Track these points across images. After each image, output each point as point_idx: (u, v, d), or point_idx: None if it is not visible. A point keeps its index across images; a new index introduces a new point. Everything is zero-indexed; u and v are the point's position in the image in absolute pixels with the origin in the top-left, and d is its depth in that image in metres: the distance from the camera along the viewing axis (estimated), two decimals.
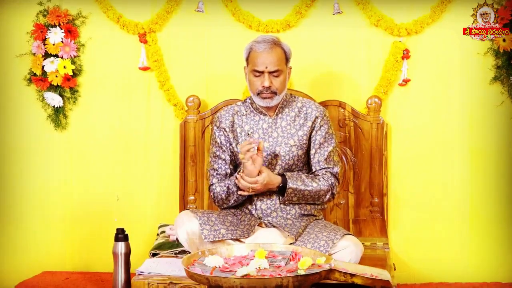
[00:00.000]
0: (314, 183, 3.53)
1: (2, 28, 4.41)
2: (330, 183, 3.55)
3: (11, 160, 4.48)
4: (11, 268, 4.35)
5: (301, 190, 3.47)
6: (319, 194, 3.52)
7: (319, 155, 3.62)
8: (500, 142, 4.23)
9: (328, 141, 3.65)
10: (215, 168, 3.69)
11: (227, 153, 3.69)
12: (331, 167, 3.62)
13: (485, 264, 4.26)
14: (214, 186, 3.65)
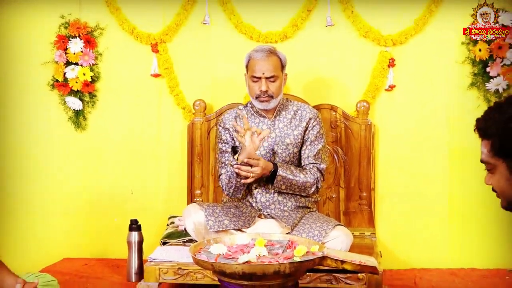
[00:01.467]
0: (302, 175, 3.54)
1: (28, 39, 4.40)
2: (316, 177, 3.57)
3: (36, 157, 4.48)
4: (35, 255, 4.34)
5: (290, 179, 3.48)
6: (305, 185, 3.53)
7: (309, 151, 3.64)
8: (476, 142, 4.14)
9: (318, 140, 3.66)
10: (222, 161, 3.70)
11: (232, 147, 3.71)
12: (319, 163, 3.64)
13: (462, 252, 4.26)
14: (222, 177, 3.66)
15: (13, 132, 4.45)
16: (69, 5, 4.36)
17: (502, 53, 4.07)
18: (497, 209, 4.22)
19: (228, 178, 3.57)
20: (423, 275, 4.07)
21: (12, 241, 4.45)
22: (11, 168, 4.47)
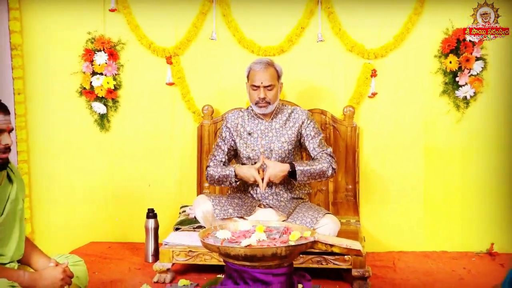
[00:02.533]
0: (316, 163, 3.55)
1: (59, 52, 4.40)
2: (328, 160, 3.56)
3: (66, 154, 4.48)
4: (65, 239, 4.35)
5: (308, 169, 3.48)
6: (322, 170, 3.52)
7: (313, 144, 3.63)
8: (447, 141, 4.22)
9: (317, 133, 3.68)
10: (214, 154, 3.74)
11: (227, 146, 3.73)
12: (325, 149, 3.64)
13: (434, 237, 4.26)
14: (209, 168, 3.69)
15: (48, 133, 4.48)
16: (95, 23, 4.35)
17: (469, 65, 4.06)
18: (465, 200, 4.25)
19: (218, 175, 3.62)
20: (401, 257, 4.06)
21: (45, 227, 4.48)
22: (46, 163, 4.50)
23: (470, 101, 4.14)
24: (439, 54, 4.14)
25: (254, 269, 2.56)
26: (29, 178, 4.41)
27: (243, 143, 3.68)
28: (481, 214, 4.18)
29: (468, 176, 4.22)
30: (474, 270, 3.74)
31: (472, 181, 4.21)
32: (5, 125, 2.53)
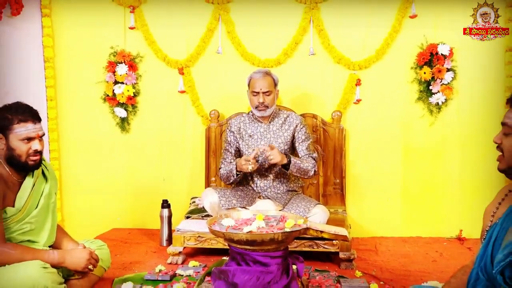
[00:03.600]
0: (305, 162, 3.56)
1: (86, 64, 4.39)
2: (313, 163, 3.58)
3: (92, 153, 4.47)
4: (90, 226, 4.34)
5: (299, 164, 3.49)
6: (307, 169, 3.54)
7: (302, 146, 3.66)
8: (422, 141, 4.23)
9: (307, 138, 3.69)
10: (224, 157, 3.77)
11: (233, 148, 3.75)
12: (311, 153, 3.65)
13: (411, 224, 4.26)
14: (221, 169, 3.72)
15: (76, 134, 4.48)
16: (116, 39, 4.35)
17: (441, 75, 4.06)
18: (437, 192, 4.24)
19: (226, 172, 3.63)
20: (382, 242, 4.06)
21: (73, 215, 4.48)
22: (75, 161, 4.50)
23: (441, 106, 4.13)
24: (415, 66, 4.14)
25: (255, 252, 2.56)
26: (60, 173, 4.41)
27: (245, 144, 3.70)
28: (451, 204, 4.19)
29: (440, 171, 4.22)
30: (445, 253, 3.74)
31: (443, 176, 4.22)
32: (35, 133, 2.56)
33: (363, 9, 4.16)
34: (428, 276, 3.17)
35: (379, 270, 3.37)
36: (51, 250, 2.63)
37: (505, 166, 1.79)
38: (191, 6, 4.28)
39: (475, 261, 1.86)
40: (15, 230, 2.57)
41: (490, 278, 1.76)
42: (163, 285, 3.03)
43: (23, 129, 2.52)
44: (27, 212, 2.62)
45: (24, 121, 2.52)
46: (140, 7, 4.32)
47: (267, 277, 2.54)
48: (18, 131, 2.51)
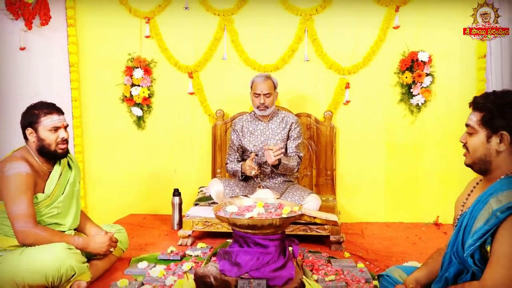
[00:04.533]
0: (292, 161, 3.54)
1: (106, 69, 4.38)
2: (297, 162, 3.59)
3: (112, 147, 4.47)
4: (110, 212, 4.35)
5: (286, 164, 3.48)
6: (293, 168, 3.54)
7: (292, 143, 3.66)
8: (403, 138, 4.23)
9: (298, 137, 3.69)
10: (230, 153, 3.78)
11: (236, 145, 3.76)
12: (299, 152, 3.66)
13: (393, 211, 4.26)
14: (227, 165, 3.75)
15: (98, 130, 4.48)
16: (133, 46, 4.34)
17: (421, 80, 4.05)
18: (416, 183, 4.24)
19: (232, 170, 3.67)
20: (367, 226, 4.07)
21: (95, 202, 4.48)
22: (96, 154, 4.50)
23: (421, 107, 4.13)
24: (397, 71, 4.13)
25: (255, 235, 2.56)
26: (83, 165, 4.41)
27: (247, 140, 3.70)
28: (429, 194, 4.19)
29: (420, 164, 4.22)
30: (424, 237, 3.75)
31: (422, 168, 4.22)
32: (60, 123, 2.64)
33: (352, 21, 4.15)
34: (408, 257, 3.19)
35: (365, 251, 3.38)
36: (76, 236, 2.65)
37: (470, 161, 1.84)
38: (200, 17, 4.27)
39: (448, 246, 1.87)
40: (44, 214, 2.60)
41: (462, 261, 1.78)
42: (174, 264, 3.04)
43: (49, 120, 2.59)
44: (55, 197, 2.65)
45: (50, 113, 2.60)
46: (154, 18, 4.31)
47: (266, 258, 2.55)
48: (45, 122, 2.58)
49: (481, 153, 1.79)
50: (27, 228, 2.42)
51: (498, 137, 1.75)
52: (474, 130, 1.80)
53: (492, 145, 1.77)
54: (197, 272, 2.64)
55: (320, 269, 2.91)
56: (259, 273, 2.52)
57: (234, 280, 2.54)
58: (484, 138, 1.78)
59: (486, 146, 1.78)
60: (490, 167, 1.80)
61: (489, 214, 1.67)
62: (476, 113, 1.81)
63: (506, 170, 1.77)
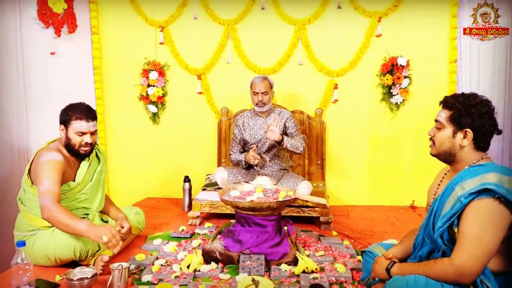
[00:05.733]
0: (295, 139, 3.55)
1: (126, 71, 4.37)
2: (301, 141, 3.55)
3: (130, 140, 4.47)
4: (129, 196, 4.35)
5: (290, 140, 3.48)
6: (297, 145, 3.50)
7: (292, 130, 3.66)
8: (384, 132, 4.22)
9: (295, 126, 3.70)
10: (233, 146, 3.78)
11: (239, 139, 3.76)
12: (299, 135, 3.66)
13: (375, 195, 4.26)
14: (231, 155, 3.75)
15: (118, 125, 4.47)
16: (149, 52, 4.33)
17: (399, 81, 4.05)
18: (395, 171, 4.24)
19: (236, 160, 3.68)
20: (352, 209, 4.07)
21: (117, 187, 4.49)
22: (117, 146, 4.50)
23: (400, 105, 4.13)
24: (379, 74, 4.12)
25: (255, 216, 2.57)
26: (106, 155, 4.32)
27: (248, 134, 3.70)
28: (406, 180, 4.19)
29: (398, 155, 4.22)
30: (401, 218, 3.75)
31: (400, 158, 4.21)
32: (87, 129, 2.57)
33: (340, 30, 4.13)
34: (387, 235, 3.19)
35: (350, 230, 3.39)
36: (83, 220, 2.37)
37: (435, 152, 1.87)
38: (207, 26, 4.25)
39: (421, 228, 1.89)
40: (74, 199, 2.60)
41: (433, 241, 1.79)
42: (185, 241, 3.06)
43: (77, 125, 2.54)
44: (84, 185, 2.65)
45: (80, 118, 2.54)
46: (167, 27, 4.30)
47: (265, 236, 2.56)
48: (74, 126, 2.54)
49: (446, 147, 1.81)
50: (46, 203, 2.30)
51: (462, 133, 1.77)
52: (442, 125, 1.81)
53: (457, 140, 1.78)
54: (204, 248, 2.66)
55: (311, 246, 2.92)
56: (258, 249, 2.54)
57: (236, 255, 2.55)
58: (450, 133, 1.79)
59: (451, 140, 1.79)
60: (454, 159, 1.82)
61: (454, 200, 1.68)
62: (445, 110, 1.82)
63: (469, 161, 1.78)
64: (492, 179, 1.62)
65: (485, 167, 1.70)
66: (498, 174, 1.64)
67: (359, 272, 2.46)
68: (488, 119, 1.74)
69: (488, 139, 1.77)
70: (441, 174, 1.99)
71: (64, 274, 2.23)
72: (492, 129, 1.76)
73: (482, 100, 1.77)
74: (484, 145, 1.77)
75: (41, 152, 2.52)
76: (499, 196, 1.59)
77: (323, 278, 2.35)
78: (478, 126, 1.73)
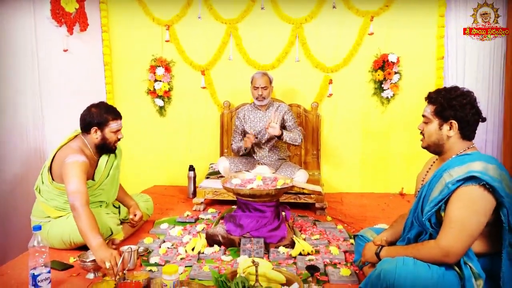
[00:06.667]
0: (293, 132, 3.53)
1: (134, 67, 4.35)
2: (299, 134, 3.53)
3: (139, 132, 4.44)
4: (138, 183, 4.34)
5: (289, 134, 3.46)
6: (295, 138, 3.48)
7: (290, 123, 3.64)
8: (375, 125, 4.21)
9: (293, 119, 3.68)
10: (234, 136, 3.76)
11: (240, 130, 3.74)
12: (297, 127, 3.64)
13: (367, 183, 4.26)
14: (232, 145, 3.72)
15: (128, 118, 4.29)
16: (156, 49, 4.31)
17: (390, 77, 4.02)
18: (385, 160, 4.24)
19: (237, 147, 3.64)
20: (345, 196, 4.07)
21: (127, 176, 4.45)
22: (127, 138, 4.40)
23: (390, 100, 4.11)
24: (371, 70, 4.10)
25: (255, 202, 2.58)
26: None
27: (248, 126, 3.70)
28: (396, 169, 4.19)
29: (388, 146, 4.20)
30: (391, 205, 3.76)
31: (390, 149, 4.20)
32: (120, 127, 2.62)
33: (334, 28, 4.10)
34: (378, 220, 3.20)
35: (343, 216, 3.39)
36: (98, 237, 2.19)
37: (426, 144, 1.87)
38: (210, 25, 4.22)
39: (410, 213, 1.90)
40: (92, 195, 2.57)
41: (421, 225, 1.80)
42: (190, 225, 3.06)
43: (115, 125, 2.57)
44: (101, 181, 2.64)
45: (116, 119, 2.57)
46: (173, 26, 4.27)
47: (264, 220, 2.57)
48: (112, 126, 2.56)
49: (435, 138, 1.81)
50: (76, 204, 2.26)
51: (448, 125, 1.77)
52: (429, 119, 1.82)
53: (444, 131, 1.78)
54: (208, 232, 2.66)
55: (307, 230, 2.93)
56: (258, 233, 2.54)
57: (238, 239, 2.56)
58: (437, 126, 1.80)
59: (438, 132, 1.80)
60: (442, 149, 1.82)
61: (442, 186, 1.69)
62: (430, 105, 1.83)
63: (456, 150, 1.78)
64: (477, 167, 1.62)
65: (471, 156, 1.71)
66: (483, 163, 1.64)
67: (351, 255, 2.47)
68: (470, 109, 1.73)
69: (473, 128, 1.77)
70: (430, 162, 1.99)
71: (78, 256, 2.24)
72: (476, 118, 1.75)
73: (463, 92, 1.77)
74: (469, 133, 1.78)
75: (66, 153, 2.46)
76: (484, 183, 1.59)
77: (318, 260, 2.36)
78: (461, 116, 1.73)
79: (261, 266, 1.94)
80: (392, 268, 1.61)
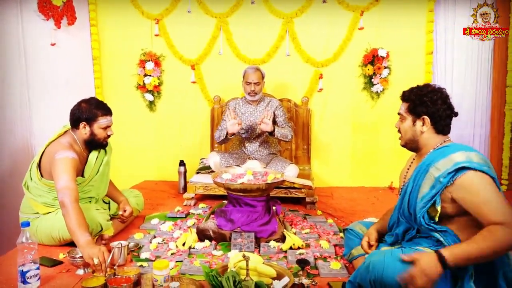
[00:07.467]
0: (284, 128, 3.50)
1: (123, 62, 4.31)
2: (290, 130, 3.50)
3: (128, 126, 4.39)
4: (128, 179, 4.29)
5: (280, 130, 3.42)
6: (286, 134, 3.45)
7: (280, 119, 3.61)
8: (365, 119, 4.23)
9: (284, 114, 3.66)
10: (221, 124, 3.61)
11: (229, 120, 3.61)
12: (287, 123, 3.61)
13: (357, 177, 4.28)
14: (216, 133, 3.57)
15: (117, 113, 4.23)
16: (145, 43, 4.27)
17: (380, 71, 4.04)
18: (375, 155, 4.27)
19: (218, 134, 3.50)
20: (336, 190, 4.09)
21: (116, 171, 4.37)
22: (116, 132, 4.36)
23: (380, 94, 4.13)
24: (361, 64, 4.11)
25: (246, 197, 2.58)
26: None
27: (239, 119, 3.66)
28: (385, 164, 4.21)
29: (378, 140, 4.24)
30: (381, 198, 3.79)
31: (380, 143, 4.23)
32: (110, 123, 2.59)
33: (324, 23, 4.11)
34: (368, 214, 3.22)
35: (334, 210, 3.41)
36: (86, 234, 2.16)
37: (403, 142, 1.91)
38: (200, 19, 4.19)
39: (395, 209, 1.92)
40: (81, 191, 2.54)
41: (408, 220, 1.82)
42: (180, 220, 3.06)
43: (104, 121, 2.54)
44: (90, 178, 2.61)
45: (105, 115, 2.55)
46: (162, 20, 4.23)
47: (255, 215, 2.57)
48: (101, 122, 2.53)
49: (410, 135, 1.85)
50: (65, 200, 2.22)
51: (421, 121, 1.81)
52: (403, 117, 1.86)
53: (417, 127, 1.82)
54: (199, 227, 2.66)
55: (297, 224, 2.94)
56: (249, 227, 2.55)
57: (228, 233, 2.56)
58: (411, 123, 1.84)
59: (412, 128, 1.84)
60: (418, 145, 1.86)
61: (432, 181, 1.69)
62: (404, 103, 1.87)
63: (433, 145, 1.81)
64: (461, 158, 1.64)
65: (450, 147, 1.73)
66: (464, 152, 1.66)
67: (341, 248, 2.49)
68: (442, 104, 1.76)
69: (447, 122, 1.80)
70: (410, 159, 2.03)
71: (68, 252, 2.22)
72: (448, 113, 1.78)
73: (434, 88, 1.80)
74: (443, 128, 1.80)
75: (55, 149, 2.43)
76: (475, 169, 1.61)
77: (308, 254, 2.37)
78: (433, 112, 1.77)
79: (252, 260, 1.95)
80: (381, 260, 1.61)
